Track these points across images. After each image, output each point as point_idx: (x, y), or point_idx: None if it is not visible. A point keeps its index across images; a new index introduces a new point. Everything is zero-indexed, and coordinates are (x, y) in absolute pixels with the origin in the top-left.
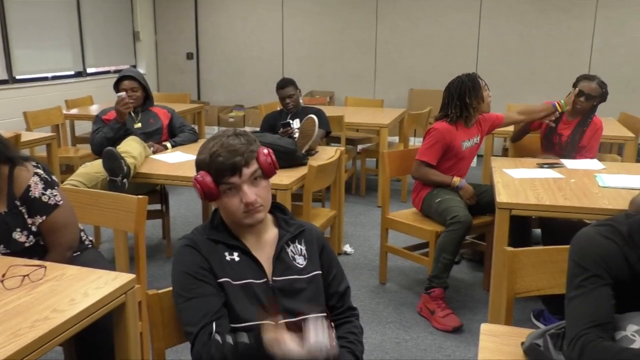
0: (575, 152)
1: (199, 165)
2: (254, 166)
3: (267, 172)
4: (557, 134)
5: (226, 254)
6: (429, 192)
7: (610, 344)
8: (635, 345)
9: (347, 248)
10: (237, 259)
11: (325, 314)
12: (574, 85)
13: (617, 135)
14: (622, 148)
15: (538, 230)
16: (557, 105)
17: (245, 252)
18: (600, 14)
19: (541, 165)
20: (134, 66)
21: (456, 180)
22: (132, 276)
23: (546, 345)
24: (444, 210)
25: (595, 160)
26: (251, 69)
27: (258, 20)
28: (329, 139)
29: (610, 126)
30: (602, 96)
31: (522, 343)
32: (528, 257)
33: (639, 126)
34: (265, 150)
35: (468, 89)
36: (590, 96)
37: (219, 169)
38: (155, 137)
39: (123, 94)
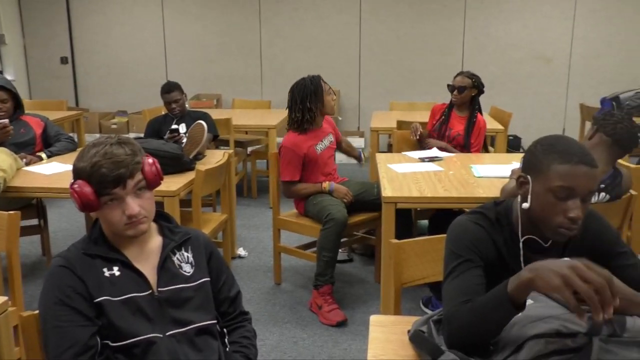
0: (466, 148)
1: (78, 173)
2: (138, 177)
3: (151, 183)
4: (448, 127)
5: (105, 269)
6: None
7: (469, 304)
8: None
9: (241, 251)
10: (117, 273)
11: (215, 321)
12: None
13: (489, 128)
14: (493, 140)
15: (425, 221)
16: (362, 154)
17: (127, 265)
18: (468, 15)
19: (423, 159)
20: (1, 72)
21: (325, 185)
22: (4, 298)
23: (430, 331)
24: (320, 210)
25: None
26: (133, 73)
27: (137, 22)
28: (217, 142)
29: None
30: (476, 87)
31: (409, 331)
32: (412, 247)
33: (507, 119)
34: (150, 160)
35: (310, 93)
36: (462, 88)
37: (101, 181)
38: (28, 148)
39: (5, 121)
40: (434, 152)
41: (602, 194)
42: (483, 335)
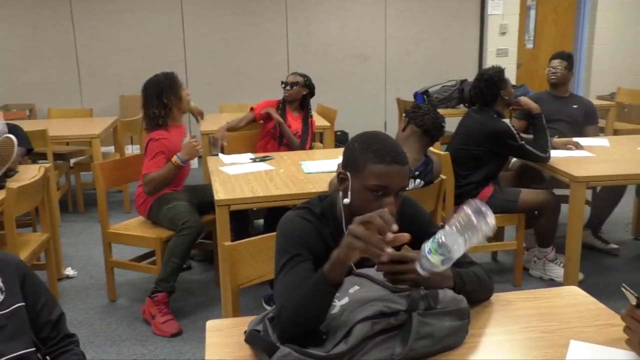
0: (304, 145)
1: None
2: None
3: None
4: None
5: None
6: (156, 199)
7: (293, 294)
8: (335, 310)
9: (69, 271)
10: None
11: (34, 349)
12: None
13: (317, 125)
14: (322, 136)
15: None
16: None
17: None
18: (290, 16)
19: (254, 160)
20: None
21: (175, 160)
22: None
23: (265, 329)
24: (175, 216)
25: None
26: None
27: None
28: (33, 156)
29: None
30: (307, 86)
31: (245, 332)
32: (246, 248)
33: (333, 116)
34: None
35: (165, 88)
36: (294, 83)
37: None
38: None
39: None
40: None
41: (417, 181)
42: (310, 321)
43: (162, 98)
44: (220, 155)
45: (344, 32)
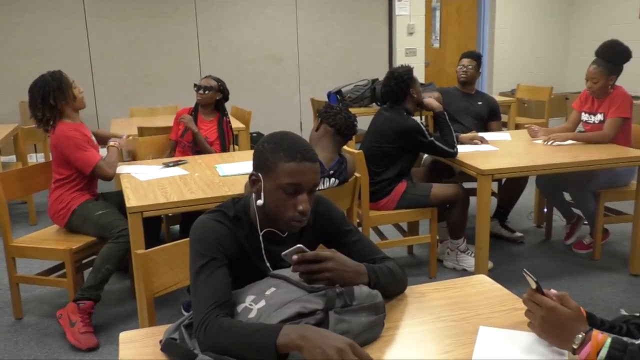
0: (223, 150)
1: None
2: None
3: None
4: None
5: None
6: (78, 206)
7: (225, 319)
8: (252, 314)
9: None
10: None
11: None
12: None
13: (233, 127)
14: (237, 138)
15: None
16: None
17: None
18: (199, 18)
19: (167, 165)
20: None
21: (114, 144)
22: None
23: (182, 337)
24: (110, 223)
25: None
26: None
27: None
28: None
29: None
30: (221, 90)
31: (161, 341)
32: (160, 255)
33: (248, 117)
34: None
35: (53, 89)
36: (208, 88)
37: None
38: None
39: None
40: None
41: (332, 179)
42: (236, 358)
43: (48, 99)
44: (130, 167)
45: (256, 33)
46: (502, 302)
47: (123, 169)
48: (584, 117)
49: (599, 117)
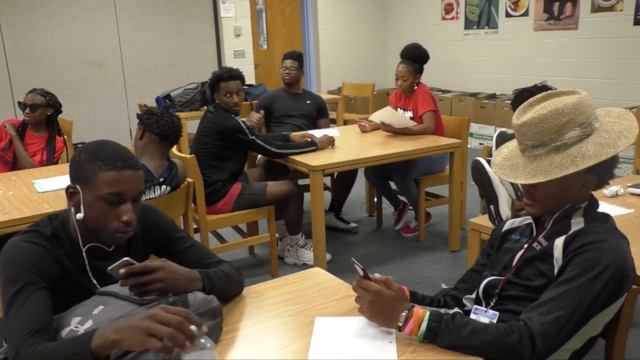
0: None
1: None
2: None
3: None
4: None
5: None
6: None
7: (39, 345)
8: None
9: None
10: None
11: None
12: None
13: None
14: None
15: None
16: None
17: None
18: (3, 21)
19: None
20: None
21: None
22: None
23: None
24: None
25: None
26: None
27: None
28: None
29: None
30: (51, 105)
31: None
32: None
33: (69, 128)
34: None
35: None
36: (34, 106)
37: None
38: None
39: None
40: None
41: (164, 187)
42: None
43: None
44: None
45: (71, 37)
46: (336, 291)
47: None
48: (400, 112)
49: (409, 113)
